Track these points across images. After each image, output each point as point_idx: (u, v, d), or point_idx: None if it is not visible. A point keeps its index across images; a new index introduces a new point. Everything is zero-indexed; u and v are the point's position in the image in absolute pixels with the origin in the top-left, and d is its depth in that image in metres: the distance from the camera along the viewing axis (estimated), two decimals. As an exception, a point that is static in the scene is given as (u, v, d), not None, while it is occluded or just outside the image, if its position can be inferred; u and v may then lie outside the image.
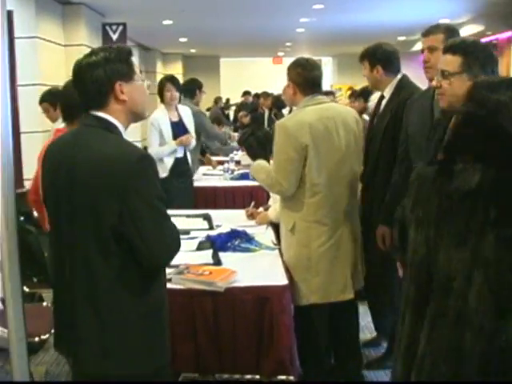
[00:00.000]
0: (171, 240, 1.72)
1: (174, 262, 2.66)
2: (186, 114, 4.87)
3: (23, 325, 1.42)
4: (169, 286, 2.44)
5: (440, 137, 1.87)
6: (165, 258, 1.74)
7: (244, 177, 5.30)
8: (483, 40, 10.09)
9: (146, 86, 1.80)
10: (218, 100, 13.10)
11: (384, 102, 3.24)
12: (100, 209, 1.59)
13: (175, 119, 4.76)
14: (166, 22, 9.36)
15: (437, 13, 9.06)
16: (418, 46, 12.49)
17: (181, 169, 4.75)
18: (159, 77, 14.34)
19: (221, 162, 6.31)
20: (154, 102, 6.09)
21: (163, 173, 4.61)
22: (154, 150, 4.60)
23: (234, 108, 12.99)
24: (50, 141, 2.31)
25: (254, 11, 8.69)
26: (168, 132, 4.66)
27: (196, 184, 5.20)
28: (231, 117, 12.57)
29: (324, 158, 2.70)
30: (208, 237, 3.12)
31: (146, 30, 10.01)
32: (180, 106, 4.91)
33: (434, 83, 2.20)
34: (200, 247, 2.95)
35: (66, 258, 1.64)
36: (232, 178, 5.48)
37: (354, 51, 14.69)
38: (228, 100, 14.41)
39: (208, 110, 10.81)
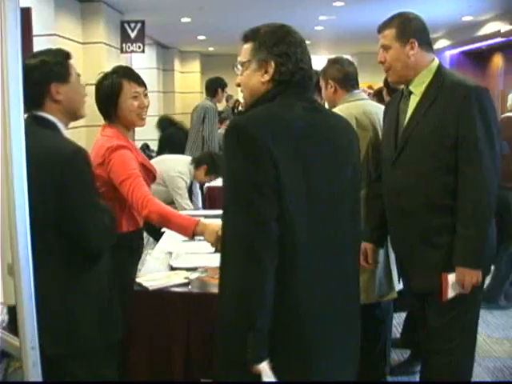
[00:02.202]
0: (103, 228, 1.87)
1: (193, 264, 2.62)
2: None
3: (36, 332, 1.35)
4: (187, 289, 2.39)
5: None
6: (98, 244, 1.87)
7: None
8: (507, 38, 9.90)
9: (83, 87, 2.00)
10: (228, 98, 13.01)
11: None
12: (39, 200, 1.65)
13: None
14: (185, 20, 9.30)
15: (460, 10, 8.89)
16: (440, 44, 12.31)
17: None
18: (177, 75, 14.38)
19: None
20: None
21: None
22: None
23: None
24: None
25: (273, 8, 8.59)
26: None
27: (213, 184, 5.14)
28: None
29: (370, 151, 2.65)
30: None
31: (164, 28, 9.96)
32: None
33: None
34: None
35: None
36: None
37: (374, 49, 14.49)
38: (237, 100, 14.31)
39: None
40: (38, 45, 5.84)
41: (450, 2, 8.04)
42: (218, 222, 2.22)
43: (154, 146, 12.06)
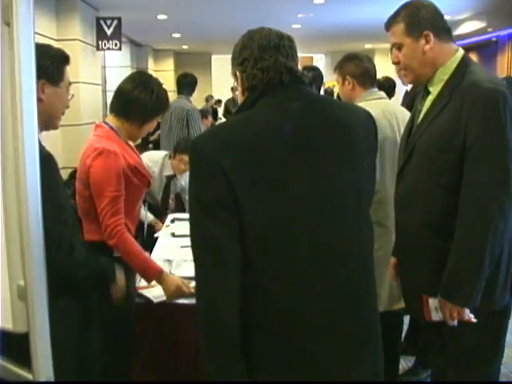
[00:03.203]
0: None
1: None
2: None
3: (51, 362, 1.19)
4: (193, 301, 2.21)
5: None
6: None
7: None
8: (484, 37, 9.97)
9: (68, 98, 1.84)
10: (209, 98, 12.91)
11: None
12: None
13: None
14: (161, 17, 9.10)
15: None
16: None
17: None
18: (151, 73, 14.05)
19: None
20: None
21: None
22: None
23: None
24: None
25: (252, 6, 8.46)
26: None
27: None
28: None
29: (388, 154, 2.51)
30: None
31: (139, 25, 9.73)
32: None
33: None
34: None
35: None
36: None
37: (347, 48, 14.56)
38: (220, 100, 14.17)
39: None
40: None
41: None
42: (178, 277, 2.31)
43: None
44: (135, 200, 2.32)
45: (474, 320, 1.86)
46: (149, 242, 3.46)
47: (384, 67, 9.99)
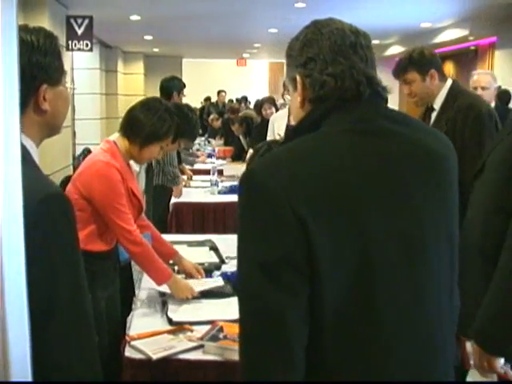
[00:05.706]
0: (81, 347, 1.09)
1: (199, 316, 2.06)
2: None
3: None
4: (200, 356, 1.85)
5: None
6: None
7: (234, 190, 4.71)
8: (464, 45, 9.86)
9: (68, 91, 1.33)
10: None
11: (435, 115, 2.79)
12: None
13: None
14: (134, 18, 8.67)
15: (417, 16, 8.71)
16: (392, 51, 12.20)
17: None
18: (120, 76, 13.62)
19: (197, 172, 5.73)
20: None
21: None
22: None
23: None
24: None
25: (229, 8, 8.11)
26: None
27: (178, 200, 4.49)
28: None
29: None
30: (224, 275, 2.54)
31: (110, 26, 9.26)
32: None
33: None
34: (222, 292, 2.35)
35: None
36: (219, 192, 4.87)
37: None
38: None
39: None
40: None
41: (413, 5, 7.80)
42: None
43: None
44: None
45: None
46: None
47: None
